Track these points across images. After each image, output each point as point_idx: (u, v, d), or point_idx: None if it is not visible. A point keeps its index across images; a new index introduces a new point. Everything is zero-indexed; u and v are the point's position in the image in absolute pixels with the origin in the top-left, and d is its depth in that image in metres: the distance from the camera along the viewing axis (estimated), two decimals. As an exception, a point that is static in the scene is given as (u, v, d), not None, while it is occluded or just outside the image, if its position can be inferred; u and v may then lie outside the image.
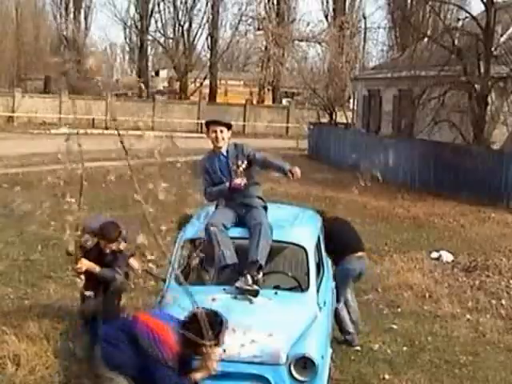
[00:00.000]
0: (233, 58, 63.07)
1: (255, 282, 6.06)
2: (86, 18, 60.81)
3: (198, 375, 5.12)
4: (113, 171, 6.89)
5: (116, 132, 4.81)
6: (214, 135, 6.50)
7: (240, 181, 6.40)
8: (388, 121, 28.78)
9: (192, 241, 6.88)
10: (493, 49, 21.24)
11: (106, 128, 45.11)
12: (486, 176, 19.14)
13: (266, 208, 6.59)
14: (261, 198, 6.62)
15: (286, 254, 6.93)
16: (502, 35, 22.82)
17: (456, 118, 21.48)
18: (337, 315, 7.68)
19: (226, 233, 6.25)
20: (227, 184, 6.48)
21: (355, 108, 35.01)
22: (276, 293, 6.20)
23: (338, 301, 7.72)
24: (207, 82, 55.83)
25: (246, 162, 6.46)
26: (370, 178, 7.14)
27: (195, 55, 58.15)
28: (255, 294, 6.05)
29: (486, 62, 21.16)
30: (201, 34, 58.63)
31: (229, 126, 6.57)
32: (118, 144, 4.89)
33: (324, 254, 7.35)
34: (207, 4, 56.30)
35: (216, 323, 5.03)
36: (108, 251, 7.06)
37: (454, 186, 19.99)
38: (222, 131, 6.50)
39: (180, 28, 56.53)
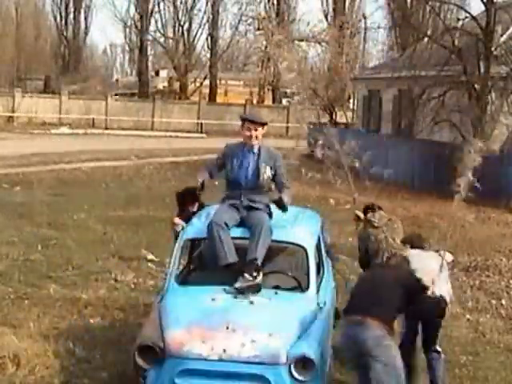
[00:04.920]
0: (233, 58, 63.04)
1: (255, 278, 6.07)
2: (85, 18, 60.94)
3: None
4: (113, 171, 6.91)
5: (116, 132, 4.81)
6: (248, 133, 6.49)
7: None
8: (388, 121, 28.78)
9: (192, 241, 6.88)
10: (493, 49, 21.24)
11: (106, 128, 45.16)
12: (485, 176, 19.10)
13: (270, 214, 6.57)
14: (268, 206, 6.60)
15: (286, 254, 6.93)
16: (502, 35, 22.81)
17: (456, 118, 21.48)
18: None
19: (227, 232, 6.26)
20: (241, 178, 6.48)
21: (355, 108, 35.01)
22: (276, 293, 6.19)
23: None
24: (207, 81, 55.84)
25: (271, 173, 6.52)
26: None
27: (195, 55, 58.15)
28: (257, 288, 6.05)
29: (486, 61, 21.16)
30: (201, 34, 58.62)
31: (264, 125, 6.59)
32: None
33: (324, 254, 7.35)
34: (207, 4, 56.38)
35: None
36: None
37: (453, 186, 19.96)
38: (256, 130, 6.49)
39: (180, 28, 56.57)
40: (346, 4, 53.26)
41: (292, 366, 5.52)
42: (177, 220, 7.87)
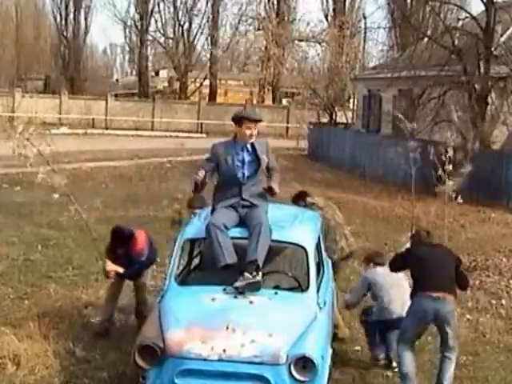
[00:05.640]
0: (233, 58, 63.04)
1: (254, 278, 6.07)
2: (85, 18, 60.87)
3: None
4: (113, 171, 6.92)
5: (116, 132, 4.81)
6: (249, 132, 6.50)
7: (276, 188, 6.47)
8: (388, 121, 28.75)
9: (192, 241, 6.88)
10: (493, 49, 21.24)
11: (106, 128, 45.16)
12: (485, 176, 19.12)
13: (266, 212, 6.56)
14: (264, 200, 6.59)
15: (286, 254, 6.93)
16: (501, 35, 22.82)
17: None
18: (399, 358, 6.84)
19: (226, 233, 6.26)
20: (240, 175, 6.47)
21: (355, 108, 35.02)
22: (276, 293, 6.19)
23: (399, 340, 6.89)
24: (207, 82, 55.83)
25: (266, 161, 6.56)
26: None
27: (195, 55, 58.13)
28: (257, 286, 6.04)
29: (486, 62, 21.16)
30: (201, 34, 58.59)
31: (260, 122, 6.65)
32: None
33: (324, 254, 7.35)
34: (207, 4, 56.39)
35: None
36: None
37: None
38: (255, 128, 6.53)
39: (180, 28, 56.56)
40: (346, 4, 53.33)
41: (292, 366, 5.52)
42: (109, 267, 7.64)
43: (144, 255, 7.86)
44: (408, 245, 7.41)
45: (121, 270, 7.74)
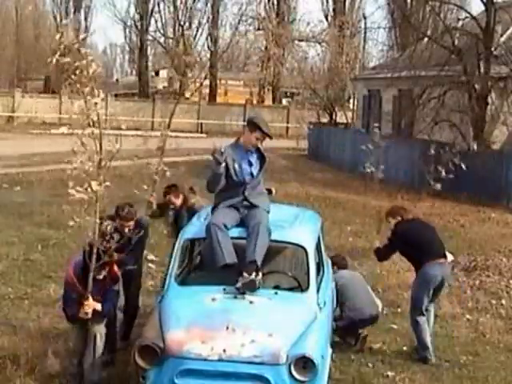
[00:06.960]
0: (233, 58, 63.01)
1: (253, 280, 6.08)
2: (85, 19, 60.87)
3: None
4: (113, 171, 6.92)
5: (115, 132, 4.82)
6: (258, 142, 6.59)
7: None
8: (388, 121, 28.76)
9: (192, 241, 6.88)
10: (493, 49, 21.25)
11: (106, 128, 45.14)
12: (486, 176, 19.12)
13: (268, 212, 6.57)
14: (265, 200, 6.61)
15: (286, 254, 6.93)
16: (501, 35, 22.82)
17: (456, 118, 21.48)
18: (416, 326, 7.67)
19: (226, 233, 6.26)
20: (248, 176, 6.55)
21: (355, 108, 35.01)
22: (276, 293, 6.20)
23: (415, 310, 7.72)
24: (207, 81, 55.79)
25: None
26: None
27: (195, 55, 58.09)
28: (254, 286, 6.04)
29: (486, 61, 21.17)
30: (201, 34, 58.56)
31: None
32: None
33: (324, 254, 7.35)
34: (207, 4, 56.35)
35: None
36: (126, 231, 7.06)
37: (454, 186, 19.98)
38: (263, 140, 6.62)
39: (180, 28, 56.51)
40: (346, 4, 53.32)
41: (292, 366, 5.52)
42: (89, 305, 6.21)
43: (119, 279, 6.67)
44: (388, 234, 7.91)
45: (99, 305, 6.35)
